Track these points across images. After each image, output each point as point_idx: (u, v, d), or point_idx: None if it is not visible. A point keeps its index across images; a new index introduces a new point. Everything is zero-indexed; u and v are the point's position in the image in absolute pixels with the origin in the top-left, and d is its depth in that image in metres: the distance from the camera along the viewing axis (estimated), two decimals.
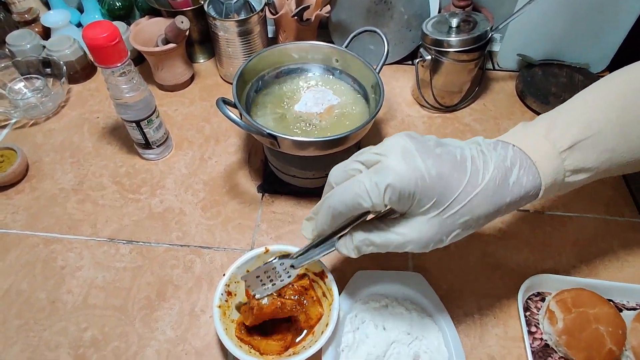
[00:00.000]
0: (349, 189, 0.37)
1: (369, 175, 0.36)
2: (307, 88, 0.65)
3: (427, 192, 0.35)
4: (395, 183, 0.35)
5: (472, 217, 0.37)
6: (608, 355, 0.46)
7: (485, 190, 0.36)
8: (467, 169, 0.36)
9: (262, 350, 0.48)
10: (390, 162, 0.35)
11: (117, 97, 0.58)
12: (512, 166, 0.37)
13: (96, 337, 0.52)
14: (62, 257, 0.59)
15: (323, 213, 0.40)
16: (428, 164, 0.35)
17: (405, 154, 0.36)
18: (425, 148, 0.36)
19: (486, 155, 0.37)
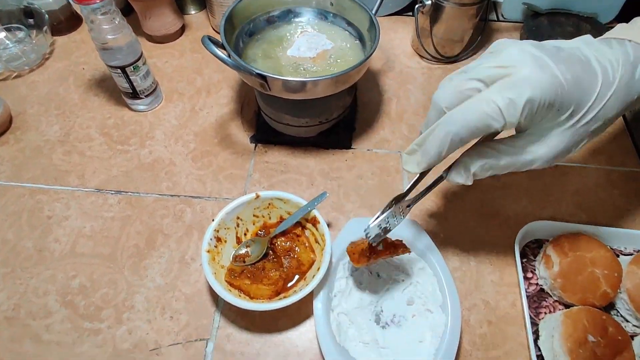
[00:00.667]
0: (475, 111, 0.32)
1: (500, 91, 0.32)
2: (301, 32, 0.62)
3: (566, 100, 0.32)
4: (536, 96, 0.31)
5: (604, 121, 0.34)
6: (602, 298, 0.46)
7: (619, 90, 0.33)
8: (597, 70, 0.33)
9: (253, 294, 0.47)
10: (524, 72, 0.31)
11: (100, 40, 0.55)
12: (637, 61, 0.34)
13: (84, 285, 0.51)
14: (48, 207, 0.57)
15: (437, 141, 0.35)
16: (562, 70, 0.32)
17: (537, 62, 0.32)
18: (551, 52, 0.33)
19: (607, 53, 0.34)
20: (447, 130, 0.34)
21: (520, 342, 0.47)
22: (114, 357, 0.47)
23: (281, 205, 0.52)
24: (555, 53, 0.33)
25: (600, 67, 0.33)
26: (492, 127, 0.32)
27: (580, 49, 0.34)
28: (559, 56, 0.33)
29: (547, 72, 0.31)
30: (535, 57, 0.32)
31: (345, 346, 0.45)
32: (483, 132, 0.33)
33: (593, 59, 0.34)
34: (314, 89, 0.52)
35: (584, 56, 0.34)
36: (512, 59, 0.32)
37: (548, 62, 0.32)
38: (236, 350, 0.47)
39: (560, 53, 0.33)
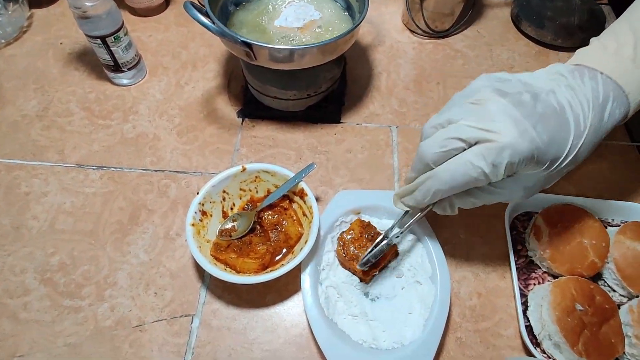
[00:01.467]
0: (462, 174, 0.35)
1: (484, 157, 0.34)
2: (288, 3, 0.60)
3: (543, 158, 0.35)
4: (515, 160, 0.34)
5: (576, 163, 0.37)
6: (590, 267, 0.46)
7: (588, 137, 0.36)
8: (570, 121, 0.35)
9: (239, 268, 0.46)
10: (506, 139, 0.33)
11: (77, 5, 0.53)
12: (605, 102, 0.36)
13: (64, 262, 0.50)
14: (26, 183, 0.55)
15: (425, 193, 0.39)
16: (539, 130, 0.34)
17: (517, 126, 0.34)
18: (528, 110, 0.35)
19: (578, 93, 0.36)
20: (436, 188, 0.38)
21: (509, 314, 0.47)
22: (96, 335, 0.45)
23: (268, 178, 0.51)
24: (533, 109, 0.35)
25: (573, 116, 0.36)
26: (477, 184, 0.36)
27: (554, 93, 0.36)
28: (535, 111, 0.35)
29: (526, 138, 0.34)
30: (516, 122, 0.34)
31: (333, 319, 0.44)
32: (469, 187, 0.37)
33: (567, 106, 0.36)
34: (300, 59, 0.50)
35: (559, 104, 0.36)
36: (494, 122, 0.34)
37: (526, 127, 0.34)
38: (222, 325, 0.46)
39: (537, 106, 0.35)
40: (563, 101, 0.36)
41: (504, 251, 0.51)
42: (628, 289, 0.46)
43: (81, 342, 0.45)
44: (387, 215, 0.50)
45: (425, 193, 0.39)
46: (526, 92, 0.35)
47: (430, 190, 0.38)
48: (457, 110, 0.36)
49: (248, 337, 0.46)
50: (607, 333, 0.42)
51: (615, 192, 0.56)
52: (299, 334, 0.46)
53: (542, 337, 0.44)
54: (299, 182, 0.49)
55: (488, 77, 0.37)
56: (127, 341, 0.45)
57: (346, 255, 0.46)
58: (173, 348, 0.45)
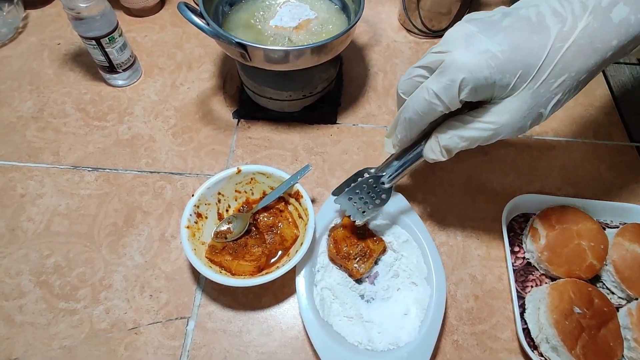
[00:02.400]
0: (419, 99, 0.35)
1: (436, 78, 0.33)
2: (283, 3, 0.59)
3: (506, 68, 0.32)
4: (467, 75, 0.32)
5: (570, 74, 0.32)
6: (588, 270, 0.45)
7: (582, 39, 0.32)
8: (550, 26, 0.32)
9: (234, 271, 0.46)
10: (453, 56, 0.32)
11: (71, 7, 0.53)
12: (613, 4, 0.32)
13: (59, 264, 0.49)
14: (21, 185, 0.55)
15: (400, 126, 0.39)
16: (496, 41, 0.32)
17: (467, 41, 0.32)
18: (489, 25, 0.33)
19: (574, 1, 0.32)
20: (404, 117, 0.38)
21: (506, 316, 0.47)
22: (91, 337, 0.45)
23: (264, 180, 0.50)
24: (497, 22, 0.33)
25: (557, 19, 0.32)
26: (436, 110, 0.35)
27: (537, 6, 0.33)
28: (499, 26, 0.32)
29: (474, 49, 0.32)
30: (466, 36, 0.33)
31: (329, 321, 0.44)
32: (432, 115, 0.36)
33: (549, 14, 0.32)
34: (296, 60, 0.50)
35: (538, 13, 0.32)
36: (446, 42, 0.34)
37: (478, 37, 0.32)
38: (218, 328, 0.46)
39: (503, 21, 0.33)
40: (545, 10, 0.32)
41: (501, 253, 0.50)
42: (627, 291, 0.45)
43: (76, 344, 0.45)
44: (380, 215, 0.50)
45: (400, 126, 0.39)
46: (500, 12, 0.34)
47: (402, 122, 0.38)
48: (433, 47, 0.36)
49: (244, 340, 0.45)
50: (606, 336, 0.42)
51: (614, 193, 0.56)
52: (295, 336, 0.46)
53: (540, 340, 0.43)
54: (295, 184, 0.48)
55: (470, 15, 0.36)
56: (122, 344, 0.45)
57: (338, 253, 0.46)
58: (168, 351, 0.44)
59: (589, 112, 0.64)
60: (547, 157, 0.59)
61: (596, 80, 0.67)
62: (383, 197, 0.45)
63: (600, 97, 0.66)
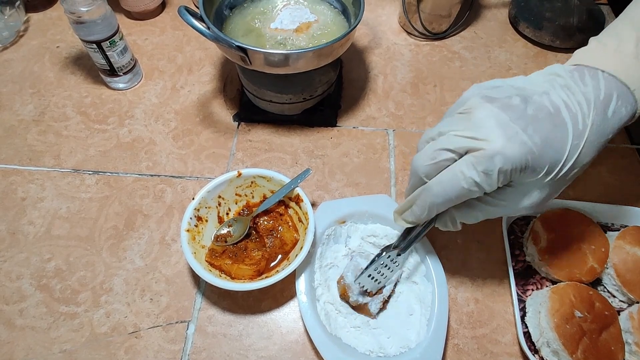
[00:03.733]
0: (454, 186, 0.34)
1: (475, 166, 0.33)
2: (283, 6, 0.60)
3: (539, 162, 0.33)
4: (507, 166, 0.32)
5: (581, 166, 0.35)
6: (589, 273, 0.45)
7: (592, 136, 0.34)
8: (567, 121, 0.33)
9: (234, 274, 0.46)
10: (495, 146, 0.32)
11: (72, 10, 0.53)
12: (608, 99, 0.34)
13: (60, 267, 0.49)
14: (22, 188, 0.55)
15: (421, 208, 0.38)
16: (530, 133, 0.33)
17: (505, 130, 0.32)
18: (517, 113, 0.33)
19: (576, 92, 0.34)
20: (430, 202, 0.37)
21: (507, 320, 0.47)
22: (92, 341, 0.45)
23: (264, 184, 0.50)
24: (523, 111, 0.33)
25: (570, 116, 0.34)
26: (471, 195, 0.35)
27: (548, 95, 0.34)
28: (526, 114, 0.33)
29: (515, 142, 0.32)
30: (501, 124, 0.33)
31: (337, 334, 0.44)
32: (464, 199, 0.36)
33: (563, 107, 0.34)
34: (296, 63, 0.50)
35: (553, 106, 0.34)
36: (482, 128, 0.33)
37: (516, 131, 0.33)
38: (218, 331, 0.46)
39: (527, 109, 0.34)
40: (558, 101, 0.34)
41: (502, 256, 0.50)
42: (628, 294, 0.45)
43: (77, 348, 0.45)
44: (372, 219, 0.50)
45: (422, 207, 0.38)
46: (516, 95, 0.34)
47: (426, 204, 0.37)
48: (447, 121, 0.36)
49: (244, 344, 0.45)
50: (607, 340, 0.42)
51: (614, 196, 0.55)
52: (295, 340, 0.46)
53: (541, 344, 0.43)
54: (295, 187, 0.48)
55: (478, 86, 0.36)
56: (122, 348, 0.45)
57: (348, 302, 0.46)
58: (169, 355, 0.44)
59: None
60: None
61: None
62: (396, 265, 0.45)
63: None
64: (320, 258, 0.48)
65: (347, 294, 0.45)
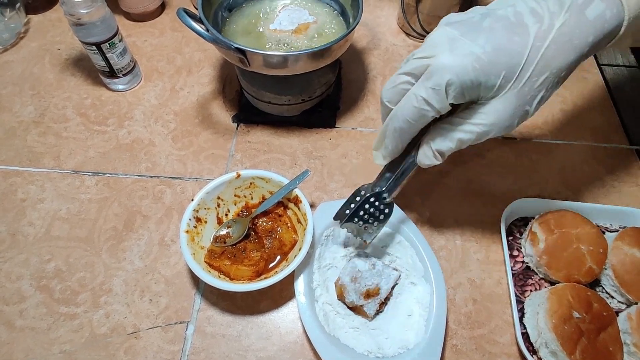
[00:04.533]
0: (408, 106, 0.35)
1: (423, 83, 0.33)
2: (282, 7, 0.60)
3: (490, 70, 0.32)
4: (453, 78, 0.32)
5: (552, 71, 0.33)
6: (587, 274, 0.45)
7: (560, 36, 0.32)
8: (528, 25, 0.32)
9: (233, 275, 0.46)
10: (439, 60, 0.32)
11: (72, 12, 0.53)
12: (586, 2, 0.32)
13: (60, 268, 0.50)
14: (22, 189, 0.55)
15: (390, 136, 0.39)
16: (479, 43, 0.32)
17: (451, 44, 0.32)
18: (471, 27, 0.33)
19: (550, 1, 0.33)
20: (393, 127, 0.38)
21: (505, 320, 0.47)
22: (91, 342, 0.45)
23: (263, 185, 0.50)
24: (477, 24, 0.33)
25: (535, 19, 0.32)
26: (426, 116, 0.35)
27: (514, 7, 0.33)
28: (480, 27, 0.33)
29: (460, 52, 0.32)
30: (450, 40, 0.33)
31: (335, 335, 0.44)
32: (422, 122, 0.36)
33: (527, 13, 0.33)
34: (295, 64, 0.50)
35: (516, 14, 0.33)
36: (429, 47, 0.34)
37: (460, 41, 0.32)
38: (217, 332, 0.46)
39: (483, 22, 0.33)
40: (522, 9, 0.33)
41: (500, 257, 0.50)
42: (626, 295, 0.45)
43: (76, 349, 0.45)
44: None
45: (389, 137, 0.38)
46: (479, 14, 0.34)
47: (390, 132, 0.38)
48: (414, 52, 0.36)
49: (243, 344, 0.45)
50: (605, 341, 0.42)
51: (613, 197, 0.56)
52: (294, 340, 0.46)
53: (539, 345, 0.43)
54: (294, 188, 0.48)
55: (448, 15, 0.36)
56: (122, 348, 0.45)
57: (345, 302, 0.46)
58: (168, 355, 0.45)
59: (588, 115, 0.64)
60: (546, 159, 0.59)
61: (596, 83, 0.67)
62: (386, 211, 0.44)
63: (600, 100, 0.66)
64: (319, 259, 0.48)
65: (343, 294, 0.45)
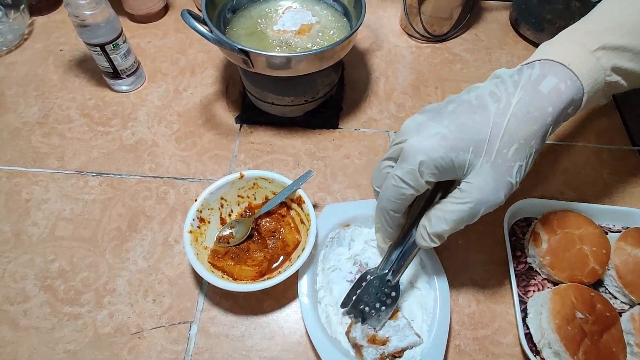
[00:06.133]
0: (389, 187, 0.38)
1: (399, 165, 0.37)
2: (286, 8, 0.60)
3: (457, 145, 0.34)
4: (424, 158, 0.34)
5: (520, 142, 0.35)
6: (591, 275, 0.45)
7: (519, 111, 0.34)
8: (488, 105, 0.35)
9: (236, 276, 0.46)
10: (409, 143, 0.35)
11: (76, 14, 0.53)
12: (541, 78, 0.35)
13: (64, 268, 0.50)
14: (26, 190, 0.56)
15: (379, 218, 0.41)
16: (444, 124, 0.35)
17: (419, 128, 0.36)
18: (437, 112, 0.36)
19: (507, 83, 0.36)
20: (380, 207, 0.41)
21: (508, 321, 0.47)
22: (95, 342, 0.45)
23: (266, 185, 0.51)
24: (442, 109, 0.36)
25: (494, 100, 0.35)
26: (405, 194, 0.37)
27: (477, 90, 0.37)
28: (445, 111, 0.36)
29: (426, 133, 0.35)
30: (417, 124, 0.36)
31: (337, 337, 0.44)
32: (404, 201, 0.38)
33: (487, 95, 0.36)
34: (298, 66, 0.50)
35: (478, 96, 0.36)
36: (404, 132, 0.37)
37: (428, 124, 0.35)
38: (220, 332, 0.46)
39: (448, 107, 0.36)
40: (483, 93, 0.36)
41: (503, 257, 0.50)
42: (629, 296, 0.45)
43: (80, 348, 0.45)
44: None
45: (380, 216, 0.41)
46: (446, 101, 0.37)
47: (379, 214, 0.40)
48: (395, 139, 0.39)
49: (246, 344, 0.46)
50: (608, 341, 0.42)
51: (616, 197, 0.56)
52: (297, 341, 0.46)
53: (542, 346, 0.43)
54: (297, 189, 0.48)
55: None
56: (125, 348, 0.45)
57: None
58: (171, 355, 0.45)
59: (591, 116, 0.64)
60: (549, 161, 0.59)
61: None
62: (393, 294, 0.44)
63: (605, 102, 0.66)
64: (323, 260, 0.48)
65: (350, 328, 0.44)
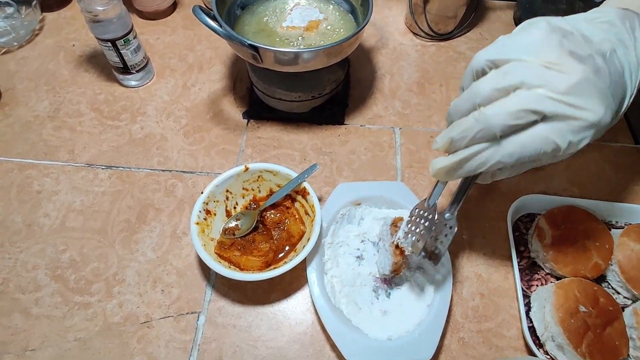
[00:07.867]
0: (534, 147, 0.32)
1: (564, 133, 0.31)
2: (294, 5, 0.61)
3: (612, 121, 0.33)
4: (597, 135, 0.32)
5: None
6: (594, 269, 0.46)
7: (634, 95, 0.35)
8: (627, 84, 0.35)
9: (243, 266, 0.47)
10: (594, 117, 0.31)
11: (89, 9, 0.54)
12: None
13: (74, 259, 0.51)
14: (38, 182, 0.57)
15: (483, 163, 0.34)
16: (615, 101, 0.33)
17: (604, 100, 0.31)
18: (607, 79, 0.32)
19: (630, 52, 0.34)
20: (497, 160, 0.33)
21: (512, 314, 0.48)
22: (105, 330, 0.46)
23: (271, 178, 0.51)
24: (608, 76, 0.32)
25: (630, 78, 0.35)
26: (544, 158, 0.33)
27: (616, 54, 0.34)
28: (612, 82, 0.33)
29: (609, 111, 0.31)
30: (603, 97, 0.31)
31: (340, 307, 0.45)
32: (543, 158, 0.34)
33: (627, 68, 0.34)
34: (305, 61, 0.51)
35: (621, 67, 0.34)
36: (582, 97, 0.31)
37: (610, 101, 0.32)
38: (228, 322, 0.47)
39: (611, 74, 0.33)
40: (624, 62, 0.34)
41: (507, 252, 0.51)
42: (632, 291, 0.46)
43: (91, 337, 0.46)
44: (386, 205, 0.52)
45: (482, 162, 0.34)
46: (596, 54, 0.32)
47: (489, 161, 0.33)
48: (528, 72, 0.31)
49: (253, 335, 0.46)
50: (611, 335, 0.42)
51: (619, 193, 0.56)
52: (303, 331, 0.47)
53: (545, 339, 0.44)
54: (302, 182, 0.49)
55: (550, 26, 0.33)
56: (135, 337, 0.46)
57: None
58: (179, 344, 0.46)
59: None
60: None
61: None
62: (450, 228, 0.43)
63: None
64: (332, 235, 0.50)
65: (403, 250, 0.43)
